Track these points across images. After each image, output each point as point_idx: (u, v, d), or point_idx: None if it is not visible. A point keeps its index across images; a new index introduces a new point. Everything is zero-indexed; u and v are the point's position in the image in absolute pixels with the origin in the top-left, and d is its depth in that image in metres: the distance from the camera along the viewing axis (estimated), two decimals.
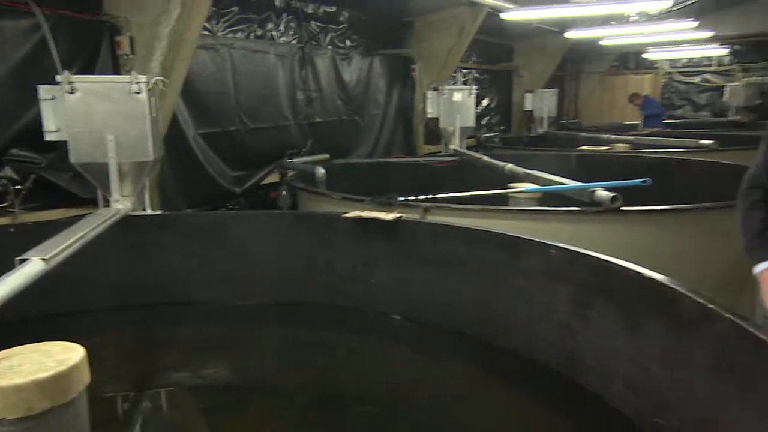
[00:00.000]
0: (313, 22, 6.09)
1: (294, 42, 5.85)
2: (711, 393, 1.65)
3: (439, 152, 7.18)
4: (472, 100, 7.03)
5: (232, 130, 5.22)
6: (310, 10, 6.02)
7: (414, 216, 3.42)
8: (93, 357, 1.23)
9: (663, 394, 1.88)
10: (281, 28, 5.65)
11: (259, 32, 5.42)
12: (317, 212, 4.07)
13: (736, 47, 12.41)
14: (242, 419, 2.35)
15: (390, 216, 3.07)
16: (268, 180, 5.60)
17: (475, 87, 7.27)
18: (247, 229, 3.42)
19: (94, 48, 3.98)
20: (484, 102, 10.21)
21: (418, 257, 3.04)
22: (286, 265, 3.33)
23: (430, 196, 3.84)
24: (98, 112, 3.23)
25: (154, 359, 3.01)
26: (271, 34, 5.57)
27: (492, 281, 2.75)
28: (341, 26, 6.51)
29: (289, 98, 5.82)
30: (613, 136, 8.59)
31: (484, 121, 10.18)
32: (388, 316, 3.12)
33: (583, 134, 9.58)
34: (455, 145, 6.88)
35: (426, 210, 3.60)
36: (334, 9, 6.33)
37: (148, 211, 3.61)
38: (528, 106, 10.66)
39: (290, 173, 5.22)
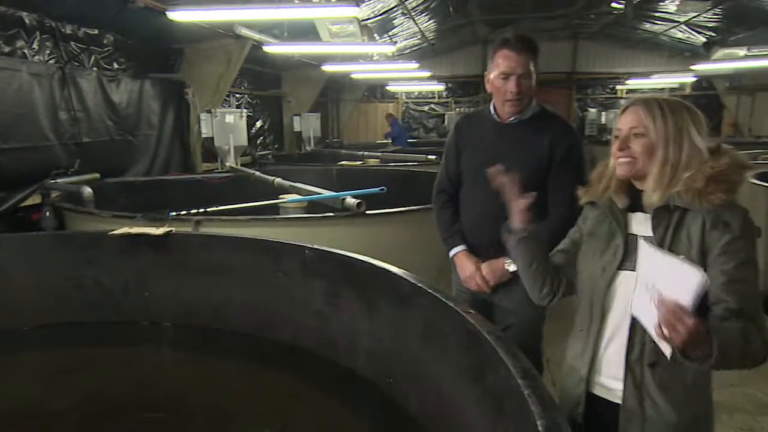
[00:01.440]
0: (73, 43, 5.31)
1: (52, 62, 5.06)
2: (421, 352, 1.88)
3: (216, 169, 6.92)
4: (244, 121, 6.95)
5: None
6: (68, 30, 5.24)
7: (186, 229, 3.25)
8: None
9: (391, 358, 2.08)
10: (34, 46, 4.83)
11: (7, 49, 4.55)
12: (82, 231, 3.57)
13: (450, 85, 14.51)
14: None
15: (160, 230, 2.86)
16: (30, 201, 4.75)
17: (246, 110, 7.16)
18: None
19: None
20: (258, 123, 10.12)
21: (190, 267, 2.86)
22: (48, 287, 2.85)
23: (201, 210, 3.68)
24: None
25: None
26: (23, 52, 4.73)
27: (259, 282, 2.72)
28: (106, 49, 5.81)
29: (49, 118, 4.99)
30: (366, 153, 9.18)
31: (259, 141, 10.09)
32: (162, 325, 2.89)
33: (343, 151, 10.08)
34: (231, 162, 6.75)
35: (198, 223, 3.42)
36: (96, 31, 5.61)
37: None
38: (297, 128, 10.92)
39: (54, 194, 4.51)
